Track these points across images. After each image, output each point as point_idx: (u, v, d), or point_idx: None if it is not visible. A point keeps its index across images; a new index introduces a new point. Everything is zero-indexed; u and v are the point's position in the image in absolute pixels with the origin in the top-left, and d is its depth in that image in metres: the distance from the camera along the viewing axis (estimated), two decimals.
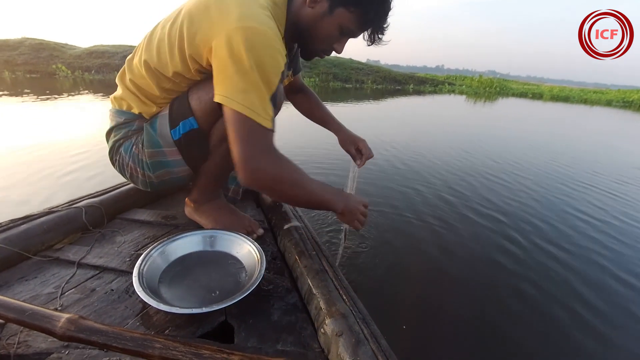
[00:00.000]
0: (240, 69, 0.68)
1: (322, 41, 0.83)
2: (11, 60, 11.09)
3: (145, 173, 0.91)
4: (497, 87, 17.66)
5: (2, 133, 3.12)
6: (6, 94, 5.92)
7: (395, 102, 8.84)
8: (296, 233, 0.92)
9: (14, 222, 0.84)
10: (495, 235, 1.68)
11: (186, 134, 0.85)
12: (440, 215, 1.85)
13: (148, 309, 0.68)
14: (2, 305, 0.52)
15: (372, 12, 0.77)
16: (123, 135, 0.91)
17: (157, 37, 0.81)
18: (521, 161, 3.26)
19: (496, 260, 1.47)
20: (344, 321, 0.61)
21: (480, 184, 2.46)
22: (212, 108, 0.80)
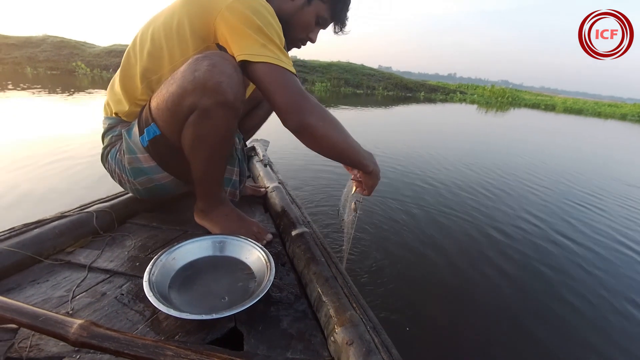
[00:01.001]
0: (252, 29, 0.75)
1: (301, 30, 0.94)
2: (34, 56, 11.56)
3: (129, 180, 0.94)
4: (509, 98, 17.54)
5: (16, 130, 3.18)
6: (26, 89, 6.08)
7: (405, 110, 8.80)
8: (305, 239, 0.92)
9: (27, 226, 0.85)
10: (505, 243, 1.67)
11: (151, 140, 0.87)
12: (448, 223, 1.84)
13: (158, 314, 0.68)
14: (15, 310, 0.53)
15: (339, 3, 0.92)
16: (109, 141, 0.96)
17: (157, 28, 0.85)
18: (537, 174, 3.22)
19: (513, 271, 1.45)
20: (355, 330, 0.61)
21: (494, 194, 2.44)
22: (168, 113, 0.81)
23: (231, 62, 0.75)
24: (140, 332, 0.63)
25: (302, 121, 0.76)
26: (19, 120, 3.79)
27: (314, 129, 0.77)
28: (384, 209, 1.92)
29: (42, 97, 5.47)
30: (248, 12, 0.75)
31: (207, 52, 0.77)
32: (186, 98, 0.76)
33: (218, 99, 0.74)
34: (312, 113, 0.76)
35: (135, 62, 0.88)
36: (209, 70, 0.73)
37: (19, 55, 11.51)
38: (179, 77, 0.77)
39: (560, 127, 9.24)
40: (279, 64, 0.75)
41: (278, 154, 2.69)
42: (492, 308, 1.22)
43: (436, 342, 1.04)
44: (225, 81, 0.74)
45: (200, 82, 0.74)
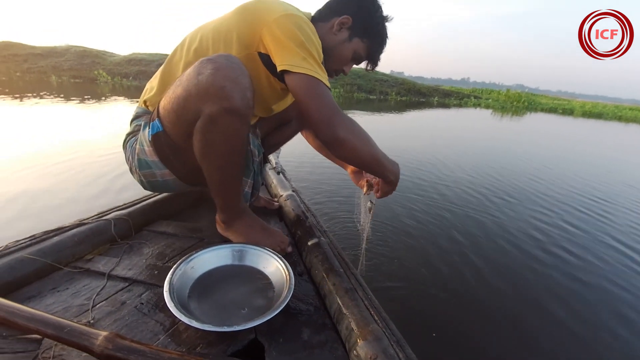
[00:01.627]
0: (295, 42, 0.79)
1: (338, 62, 1.00)
2: (58, 65, 12.13)
3: (136, 170, 0.96)
4: (525, 102, 17.27)
5: (39, 137, 3.26)
6: (53, 97, 6.30)
7: (419, 115, 8.78)
8: (322, 249, 0.91)
9: (47, 233, 0.86)
10: (534, 254, 1.64)
11: (154, 135, 0.89)
12: (471, 230, 1.82)
13: (178, 324, 0.67)
14: (40, 320, 0.53)
15: (376, 45, 0.99)
16: (132, 129, 0.98)
17: (206, 31, 0.89)
18: (552, 179, 3.18)
19: (539, 283, 1.42)
20: (378, 344, 0.60)
21: (521, 201, 2.41)
22: (174, 115, 0.82)
23: (238, 66, 0.75)
24: (161, 343, 0.63)
25: (334, 135, 0.80)
26: (44, 127, 3.89)
27: (344, 142, 0.82)
28: (401, 215, 1.90)
29: (66, 105, 5.65)
30: (293, 27, 0.79)
31: (215, 54, 0.76)
32: (191, 102, 0.76)
33: (223, 104, 0.73)
34: (343, 127, 0.81)
35: (180, 58, 0.92)
36: (212, 74, 0.72)
37: (44, 64, 12.05)
38: (185, 80, 0.77)
39: (582, 131, 9.10)
40: (316, 76, 0.78)
41: (290, 161, 2.70)
42: (526, 321, 1.19)
43: (461, 356, 1.02)
44: (228, 86, 0.72)
45: (203, 87, 0.73)
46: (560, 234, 1.91)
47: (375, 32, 0.97)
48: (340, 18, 0.94)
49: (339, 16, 0.94)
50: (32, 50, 12.89)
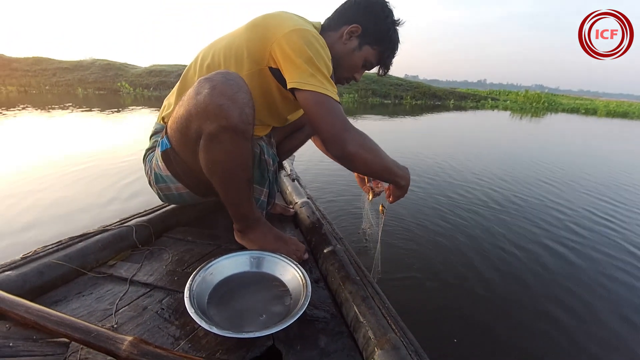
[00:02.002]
0: (303, 59, 0.79)
1: (349, 70, 1.00)
2: (84, 79, 12.79)
3: (153, 183, 1.01)
4: (545, 103, 16.77)
5: (63, 146, 3.41)
6: (78, 108, 6.67)
7: (435, 118, 8.71)
8: (337, 256, 0.91)
9: (72, 239, 0.89)
10: (568, 259, 1.60)
11: (163, 152, 0.93)
12: (491, 237, 1.79)
13: (198, 330, 0.69)
14: (69, 325, 0.55)
15: (387, 51, 0.98)
16: (151, 145, 1.02)
17: (218, 48, 0.91)
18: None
19: (565, 291, 1.39)
20: (396, 353, 0.59)
21: (538, 205, 2.36)
22: (179, 134, 0.85)
23: (235, 82, 0.75)
24: (181, 349, 0.64)
25: (344, 150, 0.82)
26: (68, 136, 4.08)
27: (353, 157, 0.84)
28: (416, 221, 1.89)
29: (91, 115, 5.93)
30: (301, 43, 0.80)
31: (213, 73, 0.78)
32: (192, 122, 0.78)
33: (221, 122, 0.74)
34: (353, 143, 0.82)
35: (193, 74, 0.94)
36: (209, 93, 0.73)
37: (71, 77, 12.71)
38: (186, 100, 0.79)
39: (610, 131, 8.82)
40: (324, 92, 0.80)
41: (304, 166, 2.72)
42: (558, 326, 1.17)
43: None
44: (225, 103, 0.73)
45: (201, 106, 0.74)
46: (591, 235, 1.86)
47: (385, 38, 0.96)
48: (350, 27, 0.94)
49: (349, 24, 0.94)
50: (59, 65, 13.65)
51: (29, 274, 0.76)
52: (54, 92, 10.97)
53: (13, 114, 5.53)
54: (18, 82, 11.71)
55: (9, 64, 13.16)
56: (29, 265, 0.78)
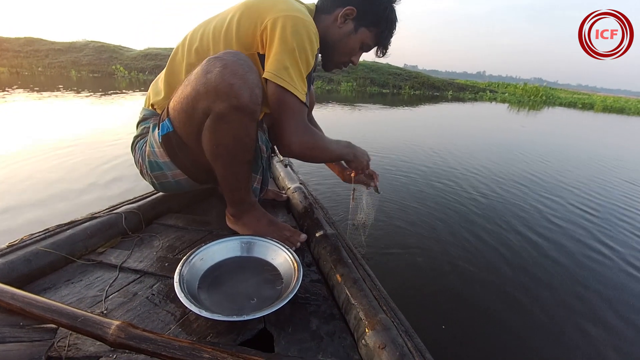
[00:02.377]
0: (285, 49, 0.79)
1: (346, 54, 0.98)
2: (77, 60, 12.59)
3: (147, 172, 0.97)
4: (543, 96, 16.66)
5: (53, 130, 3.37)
6: (72, 91, 6.59)
7: (433, 109, 8.66)
8: (330, 240, 0.91)
9: (60, 227, 0.87)
10: (555, 243, 1.62)
11: (164, 135, 0.89)
12: (484, 223, 1.80)
13: (189, 314, 0.69)
14: (56, 311, 0.54)
15: (385, 31, 0.96)
16: (140, 132, 0.99)
17: (208, 30, 0.89)
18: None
19: (549, 269, 1.41)
20: (386, 333, 0.60)
21: (523, 192, 2.37)
22: (184, 115, 0.82)
23: (245, 62, 0.74)
24: (172, 333, 0.64)
25: (290, 152, 0.90)
26: (62, 120, 4.02)
27: (301, 157, 0.93)
28: (406, 210, 1.90)
29: (85, 98, 5.86)
30: (289, 31, 0.79)
31: (222, 52, 0.76)
32: (200, 101, 0.76)
33: (231, 102, 0.73)
34: (297, 145, 0.87)
35: (182, 59, 0.91)
36: (220, 72, 0.72)
37: (64, 59, 12.53)
38: (193, 79, 0.77)
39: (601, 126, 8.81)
40: (290, 89, 0.81)
41: None
42: (535, 309, 1.18)
43: (469, 346, 1.02)
44: (237, 83, 0.72)
45: (212, 85, 0.73)
46: (586, 224, 1.88)
47: (382, 19, 0.93)
48: (344, 9, 0.91)
49: (343, 7, 0.91)
50: (52, 46, 13.40)
51: (16, 261, 0.74)
52: (46, 74, 10.81)
53: (2, 97, 5.41)
54: (9, 63, 11.45)
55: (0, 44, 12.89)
56: (16, 253, 0.76)
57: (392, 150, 3.25)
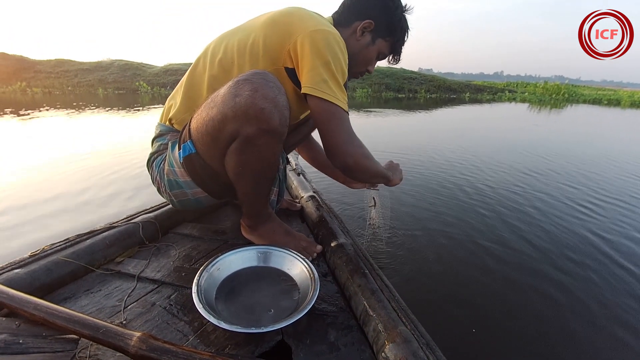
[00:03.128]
0: (320, 62, 0.79)
1: (364, 65, 1.01)
2: (103, 79, 13.39)
3: (166, 190, 0.95)
4: (565, 94, 16.12)
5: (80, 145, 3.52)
6: (99, 108, 7.06)
7: (451, 112, 8.57)
8: (345, 250, 0.90)
9: (80, 236, 0.89)
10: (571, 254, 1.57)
11: (186, 157, 0.87)
12: (505, 230, 1.77)
13: (206, 325, 0.68)
14: (78, 321, 0.55)
15: (400, 40, 1.00)
16: (156, 148, 0.98)
17: (232, 42, 0.89)
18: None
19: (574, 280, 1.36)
20: (407, 346, 0.58)
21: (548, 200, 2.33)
22: (209, 138, 0.80)
23: (275, 85, 0.74)
24: (190, 344, 0.64)
25: (345, 162, 0.86)
26: (81, 135, 4.20)
27: (353, 169, 0.88)
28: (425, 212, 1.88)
29: (112, 114, 6.21)
30: (321, 45, 0.79)
31: (250, 72, 0.75)
32: (227, 125, 0.75)
33: (261, 126, 0.73)
34: (353, 155, 0.85)
35: (203, 70, 0.91)
36: (251, 96, 0.71)
37: (91, 78, 13.35)
38: (220, 102, 0.75)
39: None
40: (334, 101, 0.80)
41: None
42: (577, 323, 1.15)
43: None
44: (267, 107, 0.71)
45: (241, 109, 0.71)
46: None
47: (397, 29, 0.96)
48: (363, 23, 0.93)
49: (361, 20, 0.93)
50: (80, 66, 14.34)
51: (38, 271, 0.76)
52: (76, 92, 11.45)
53: (35, 116, 5.71)
54: (42, 84, 12.30)
55: (33, 67, 13.78)
56: (38, 263, 0.78)
57: (407, 152, 3.24)
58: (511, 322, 1.13)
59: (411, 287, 1.26)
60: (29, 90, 11.47)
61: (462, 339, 1.04)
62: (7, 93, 10.95)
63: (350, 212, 1.87)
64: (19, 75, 12.72)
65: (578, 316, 1.16)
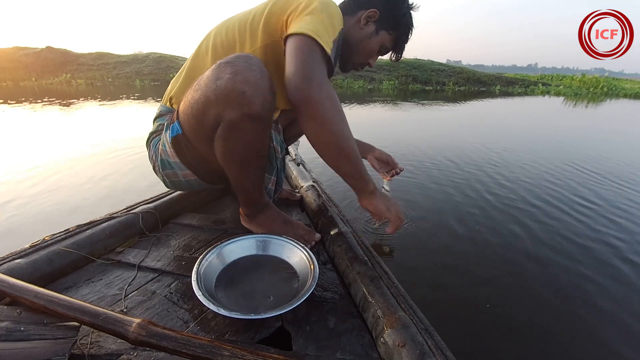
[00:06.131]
0: (311, 12, 0.76)
1: (365, 56, 0.99)
2: (140, 71, 14.25)
3: (159, 170, 0.98)
4: (604, 87, 15.29)
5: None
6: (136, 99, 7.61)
7: (481, 105, 8.40)
8: (345, 238, 0.91)
9: (80, 227, 0.89)
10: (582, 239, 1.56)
11: (174, 137, 0.89)
12: (502, 215, 1.77)
13: (206, 312, 0.69)
14: (78, 309, 0.55)
15: (403, 36, 0.99)
16: (156, 128, 0.99)
17: (233, 24, 0.89)
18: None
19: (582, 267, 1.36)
20: (406, 331, 0.59)
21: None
22: (194, 120, 0.81)
23: (257, 67, 0.70)
24: (191, 331, 0.65)
25: (308, 93, 0.69)
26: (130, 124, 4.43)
27: (317, 107, 0.70)
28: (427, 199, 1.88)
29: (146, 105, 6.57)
30: (316, 5, 0.77)
31: (233, 55, 0.73)
32: (210, 108, 0.74)
33: (243, 110, 0.70)
34: (321, 89, 0.70)
35: (205, 52, 0.92)
36: (231, 79, 0.69)
37: (129, 70, 14.28)
38: (203, 85, 0.74)
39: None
40: (314, 36, 0.71)
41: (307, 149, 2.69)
42: (555, 302, 1.15)
43: (492, 344, 1.00)
44: (248, 90, 0.69)
45: (222, 93, 0.70)
46: None
47: (402, 23, 0.96)
48: (367, 11, 0.93)
49: (366, 9, 0.93)
50: (118, 59, 15.19)
51: (39, 261, 0.76)
52: (115, 84, 12.14)
53: (80, 106, 6.16)
54: (85, 76, 13.34)
55: (76, 60, 14.81)
56: (39, 253, 0.78)
57: (415, 144, 3.23)
58: (511, 309, 1.13)
59: (411, 275, 1.27)
60: (73, 82, 12.43)
61: (461, 324, 1.05)
62: (55, 84, 11.83)
63: (349, 201, 1.87)
64: (64, 68, 13.81)
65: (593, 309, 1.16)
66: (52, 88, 10.30)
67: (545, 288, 1.23)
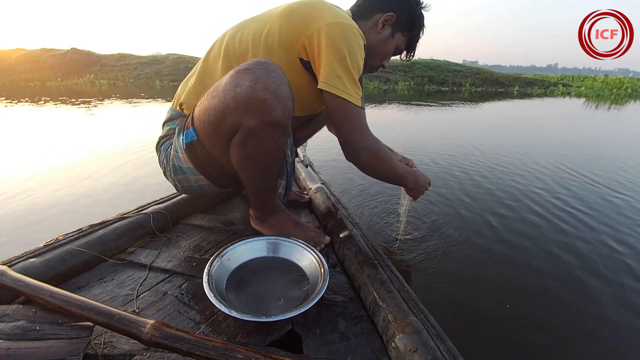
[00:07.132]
0: (336, 56, 0.79)
1: (380, 59, 1.01)
2: (159, 71, 14.67)
3: (171, 175, 0.98)
4: (628, 89, 14.68)
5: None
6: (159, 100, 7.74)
7: (494, 107, 8.19)
8: (354, 240, 0.90)
9: (93, 227, 0.90)
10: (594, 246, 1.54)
11: (188, 144, 0.88)
12: (519, 222, 1.75)
13: (217, 314, 0.69)
14: (92, 309, 0.56)
15: (417, 37, 1.00)
16: (166, 132, 0.99)
17: (247, 32, 0.89)
18: None
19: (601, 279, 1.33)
20: (417, 336, 0.58)
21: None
22: (210, 127, 0.80)
23: (277, 75, 0.72)
24: (202, 332, 0.65)
25: (357, 158, 0.89)
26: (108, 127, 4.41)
27: (366, 165, 0.90)
28: None
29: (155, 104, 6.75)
30: (338, 38, 0.79)
31: (252, 61, 0.73)
32: (228, 115, 0.74)
33: (263, 117, 0.71)
34: (365, 152, 0.87)
35: (217, 58, 0.92)
36: (252, 87, 0.69)
37: (149, 71, 14.85)
38: (221, 91, 0.74)
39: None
40: (347, 97, 0.81)
41: (316, 152, 2.69)
42: (587, 312, 1.12)
43: (506, 348, 0.99)
44: (269, 98, 0.69)
45: (242, 100, 0.70)
46: None
47: (416, 24, 0.97)
48: (385, 15, 0.93)
49: (382, 13, 0.93)
50: (139, 60, 15.74)
51: (52, 260, 0.77)
52: (136, 84, 12.57)
53: (103, 106, 6.33)
54: (107, 76, 13.89)
55: (99, 61, 15.51)
56: (52, 253, 0.79)
57: (430, 143, 3.22)
58: (529, 314, 1.11)
59: (421, 279, 1.26)
60: (96, 82, 12.97)
61: (473, 330, 1.04)
62: (79, 84, 12.35)
63: (358, 203, 1.86)
64: (88, 69, 14.47)
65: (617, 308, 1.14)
66: (77, 88, 10.69)
67: (568, 293, 1.20)
